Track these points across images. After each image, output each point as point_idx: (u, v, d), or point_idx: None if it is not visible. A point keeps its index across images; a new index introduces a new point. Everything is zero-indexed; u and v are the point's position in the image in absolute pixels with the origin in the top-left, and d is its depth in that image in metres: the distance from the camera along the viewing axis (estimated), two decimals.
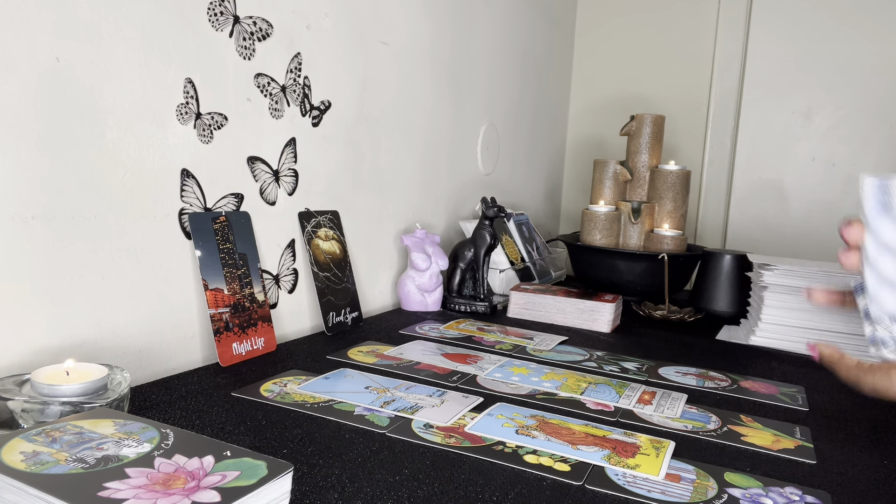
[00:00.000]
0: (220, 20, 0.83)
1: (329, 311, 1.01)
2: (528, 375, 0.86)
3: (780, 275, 1.11)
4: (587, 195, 1.96)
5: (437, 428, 0.67)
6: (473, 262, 1.25)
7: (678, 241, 1.43)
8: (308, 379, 0.79)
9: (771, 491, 0.58)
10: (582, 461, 0.61)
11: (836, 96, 1.74)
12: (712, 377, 0.92)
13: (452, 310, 1.23)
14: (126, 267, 0.75)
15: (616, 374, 0.90)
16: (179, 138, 0.79)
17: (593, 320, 1.16)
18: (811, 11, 1.74)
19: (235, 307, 0.85)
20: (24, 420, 0.56)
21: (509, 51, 1.62)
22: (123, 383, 0.62)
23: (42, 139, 0.65)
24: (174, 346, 0.81)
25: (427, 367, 0.87)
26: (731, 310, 1.30)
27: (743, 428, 0.73)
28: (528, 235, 1.57)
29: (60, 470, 0.43)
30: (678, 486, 0.57)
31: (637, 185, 1.49)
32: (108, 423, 0.51)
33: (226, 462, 0.46)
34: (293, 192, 0.98)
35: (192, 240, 0.82)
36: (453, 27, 1.35)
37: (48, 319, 0.68)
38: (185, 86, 0.79)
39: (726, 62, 1.82)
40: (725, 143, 1.85)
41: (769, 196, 1.83)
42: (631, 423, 0.72)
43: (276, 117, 0.93)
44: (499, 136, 1.61)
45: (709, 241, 1.89)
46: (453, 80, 1.38)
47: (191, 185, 0.82)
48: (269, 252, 0.95)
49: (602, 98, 2.02)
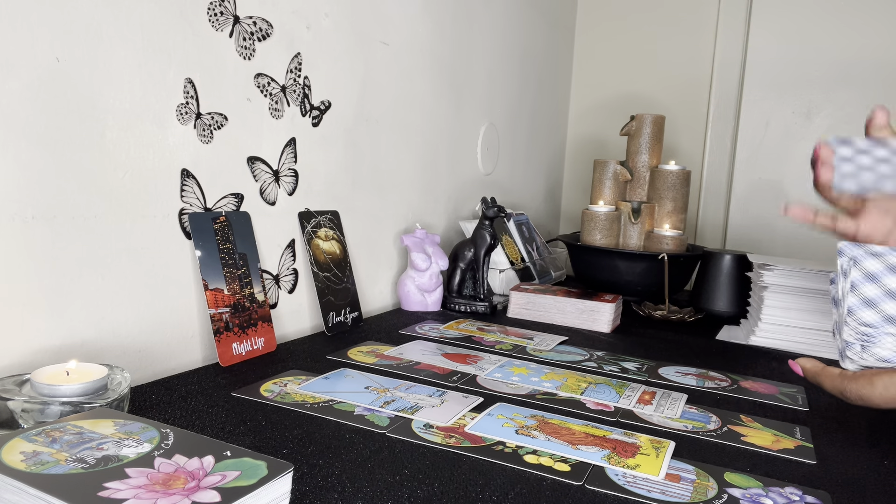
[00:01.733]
0: (220, 20, 0.83)
1: (329, 311, 1.01)
2: (528, 375, 0.86)
3: (780, 275, 1.11)
4: (587, 195, 1.96)
5: (437, 428, 0.67)
6: (473, 262, 1.25)
7: (678, 241, 1.43)
8: (308, 379, 0.79)
9: (771, 491, 0.58)
10: (582, 461, 0.61)
11: (836, 96, 1.74)
12: (712, 377, 0.92)
13: (452, 310, 1.23)
14: (126, 267, 0.75)
15: (616, 374, 0.90)
16: (179, 138, 0.80)
17: (593, 320, 1.16)
18: (811, 11, 1.74)
19: (235, 307, 0.85)
20: (24, 420, 0.56)
21: (509, 51, 1.62)
22: (123, 383, 0.62)
23: (42, 139, 0.65)
24: (174, 346, 0.81)
25: (427, 367, 0.87)
26: (731, 310, 1.30)
27: (743, 428, 0.73)
28: (528, 235, 1.57)
29: (60, 470, 0.43)
30: (678, 486, 0.57)
31: (637, 185, 1.49)
32: (108, 423, 0.51)
33: (226, 462, 0.46)
34: (293, 192, 0.98)
35: (192, 240, 0.82)
36: (453, 27, 1.35)
37: (48, 319, 0.68)
38: (185, 86, 0.79)
39: (726, 62, 1.82)
40: (725, 143, 1.84)
41: (769, 196, 1.83)
42: (631, 423, 0.72)
43: (276, 117, 0.93)
44: (499, 136, 1.61)
45: (709, 241, 1.89)
46: (453, 80, 1.38)
47: (191, 185, 0.82)
48: (269, 252, 0.95)
49: (602, 98, 2.02)
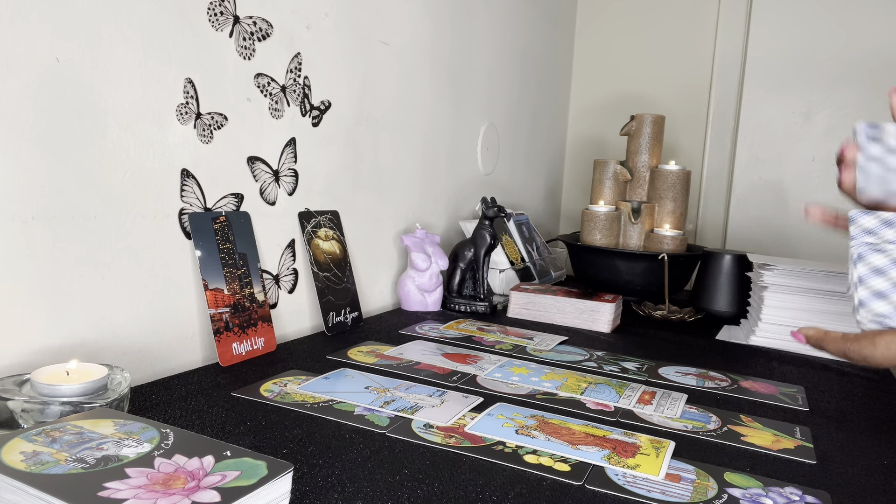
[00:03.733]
0: (220, 20, 0.83)
1: (329, 311, 1.01)
2: (528, 375, 0.86)
3: (780, 275, 1.11)
4: (587, 195, 1.96)
5: (437, 428, 0.67)
6: (473, 262, 1.25)
7: (678, 241, 1.43)
8: (308, 379, 0.79)
9: (771, 491, 0.58)
10: (582, 461, 0.61)
11: (836, 96, 1.74)
12: (712, 377, 0.92)
13: (452, 310, 1.23)
14: (126, 267, 0.75)
15: (616, 374, 0.90)
16: (179, 138, 0.79)
17: (593, 320, 1.16)
18: (811, 12, 1.74)
19: (235, 307, 0.85)
20: (24, 420, 0.56)
21: (509, 51, 1.62)
22: (123, 383, 0.62)
23: (42, 139, 0.65)
24: (174, 346, 0.81)
25: (427, 367, 0.87)
26: (731, 310, 1.30)
27: (743, 428, 0.73)
28: (528, 235, 1.57)
29: (60, 470, 0.43)
30: (678, 486, 0.57)
31: (637, 185, 1.49)
32: (108, 423, 0.51)
33: (226, 462, 0.46)
34: (293, 192, 0.98)
35: (192, 240, 0.82)
36: (453, 27, 1.35)
37: (48, 319, 0.68)
38: (185, 86, 0.79)
39: (726, 62, 1.82)
40: (725, 143, 1.84)
41: (769, 196, 1.83)
42: (631, 423, 0.72)
43: (276, 117, 0.93)
44: (499, 136, 1.61)
45: (709, 241, 1.89)
46: (453, 80, 1.38)
47: (191, 185, 0.82)
48: (269, 252, 0.95)
49: (602, 98, 2.02)
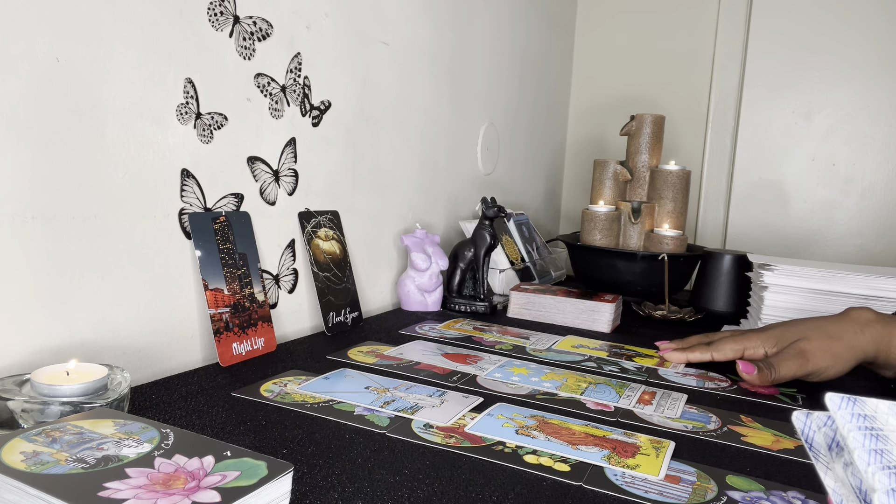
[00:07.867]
0: (220, 20, 0.83)
1: (329, 311, 1.01)
2: (527, 375, 0.86)
3: (780, 275, 1.11)
4: (587, 195, 1.96)
5: (437, 428, 0.67)
6: (473, 262, 1.25)
7: (678, 241, 1.43)
8: (308, 379, 0.79)
9: (773, 494, 0.58)
10: (582, 461, 0.61)
11: (836, 96, 1.74)
12: (712, 377, 0.92)
13: (452, 310, 1.23)
14: (126, 267, 0.75)
15: (616, 375, 0.90)
16: (179, 138, 0.79)
17: (593, 320, 1.16)
18: (811, 12, 1.74)
19: (235, 307, 0.85)
20: (24, 420, 0.56)
21: (509, 51, 1.62)
22: (123, 383, 0.62)
23: (42, 139, 0.65)
24: (174, 346, 0.82)
25: (427, 367, 0.87)
26: (731, 310, 1.30)
27: (743, 428, 0.73)
28: (528, 235, 1.57)
29: (60, 470, 0.43)
30: (677, 488, 0.57)
31: (637, 185, 1.49)
32: (108, 423, 0.51)
33: (226, 462, 0.46)
34: (293, 192, 0.98)
35: (192, 240, 0.82)
36: (453, 27, 1.35)
37: (48, 319, 0.68)
38: (185, 86, 0.79)
39: (726, 62, 1.82)
40: (725, 143, 1.85)
41: (769, 196, 1.83)
42: (631, 424, 0.72)
43: (276, 117, 0.93)
44: (499, 136, 1.61)
45: (709, 241, 1.89)
46: (453, 80, 1.38)
47: (191, 185, 0.82)
48: (269, 252, 0.95)
49: (602, 98, 2.02)
